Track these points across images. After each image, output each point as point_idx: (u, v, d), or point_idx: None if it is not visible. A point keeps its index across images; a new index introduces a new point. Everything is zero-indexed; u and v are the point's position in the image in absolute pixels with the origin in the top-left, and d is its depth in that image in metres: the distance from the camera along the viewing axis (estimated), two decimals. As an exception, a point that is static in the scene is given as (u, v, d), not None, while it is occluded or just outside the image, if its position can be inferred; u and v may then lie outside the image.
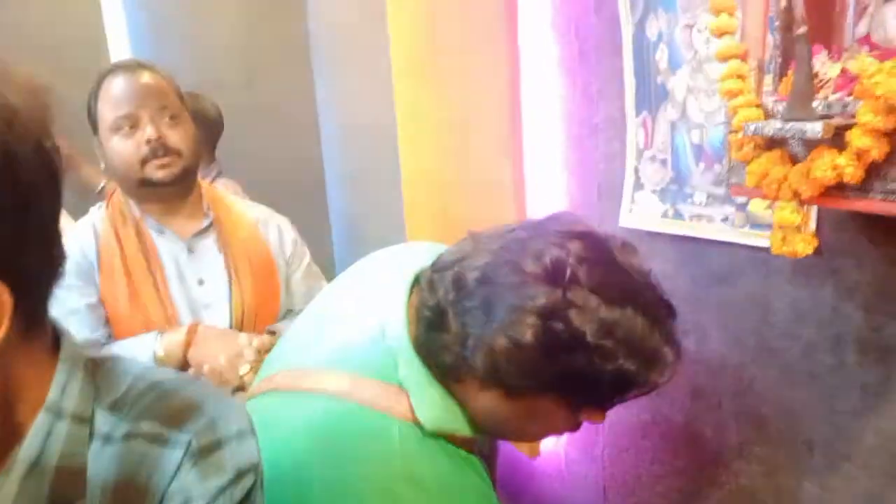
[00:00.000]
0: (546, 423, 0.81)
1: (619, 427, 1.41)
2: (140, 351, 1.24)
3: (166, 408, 0.56)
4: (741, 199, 1.03)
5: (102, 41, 2.74)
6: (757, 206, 1.01)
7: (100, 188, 1.93)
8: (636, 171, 1.24)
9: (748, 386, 1.09)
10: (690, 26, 1.06)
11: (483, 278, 0.72)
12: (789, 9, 0.82)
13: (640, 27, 1.16)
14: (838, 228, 0.90)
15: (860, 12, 0.81)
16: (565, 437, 1.58)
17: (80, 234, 1.32)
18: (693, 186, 1.13)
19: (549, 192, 1.48)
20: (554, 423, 0.82)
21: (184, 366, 1.24)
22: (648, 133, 1.19)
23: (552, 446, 1.63)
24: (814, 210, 0.90)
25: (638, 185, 1.25)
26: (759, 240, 1.01)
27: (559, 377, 0.71)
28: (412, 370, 0.76)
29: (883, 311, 0.87)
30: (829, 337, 0.95)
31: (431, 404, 0.76)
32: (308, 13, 2.72)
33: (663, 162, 1.18)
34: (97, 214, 1.36)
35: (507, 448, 1.69)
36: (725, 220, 1.07)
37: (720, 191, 1.07)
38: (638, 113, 1.21)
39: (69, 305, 1.24)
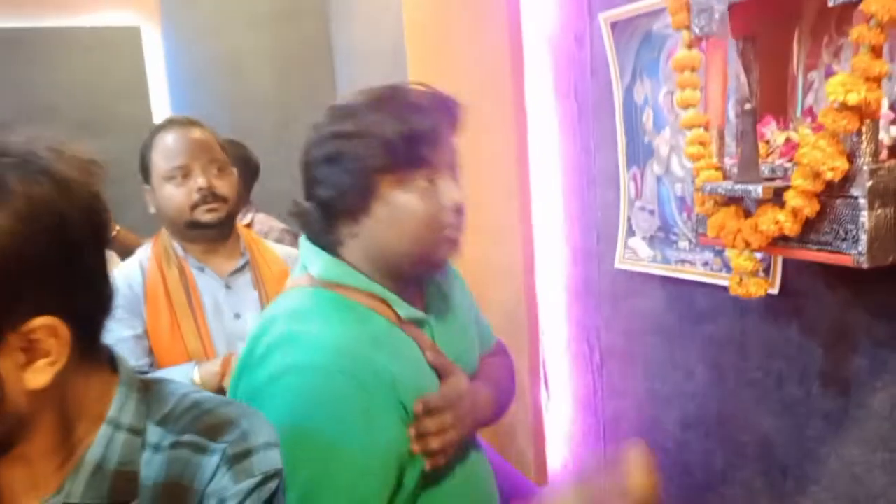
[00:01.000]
0: (402, 210, 0.90)
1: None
2: (179, 379, 1.37)
3: (206, 422, 0.68)
4: (719, 246, 1.15)
5: (145, 94, 2.95)
6: (733, 253, 1.13)
7: (113, 233, 2.09)
8: (628, 219, 1.37)
9: (730, 416, 1.20)
10: (672, 93, 1.19)
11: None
12: (747, 83, 0.95)
13: (629, 92, 1.30)
14: (800, 273, 1.02)
15: (808, 87, 0.94)
16: (573, 468, 1.68)
17: (128, 270, 1.46)
18: (677, 234, 1.25)
19: (553, 237, 1.60)
20: (410, 206, 0.90)
21: (219, 393, 1.37)
22: (638, 185, 1.32)
23: (560, 475, 1.72)
24: (780, 256, 1.02)
25: (630, 232, 1.38)
26: None
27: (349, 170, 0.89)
28: (309, 254, 0.96)
29: (840, 347, 0.98)
30: (797, 370, 1.05)
31: (320, 265, 0.93)
32: (336, 68, 2.92)
33: (651, 211, 1.31)
34: (144, 253, 1.51)
35: (516, 478, 1.79)
36: (706, 264, 1.19)
37: (700, 238, 1.19)
38: (629, 167, 1.34)
39: (116, 335, 1.37)
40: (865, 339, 0.94)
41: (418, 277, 0.99)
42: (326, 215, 0.93)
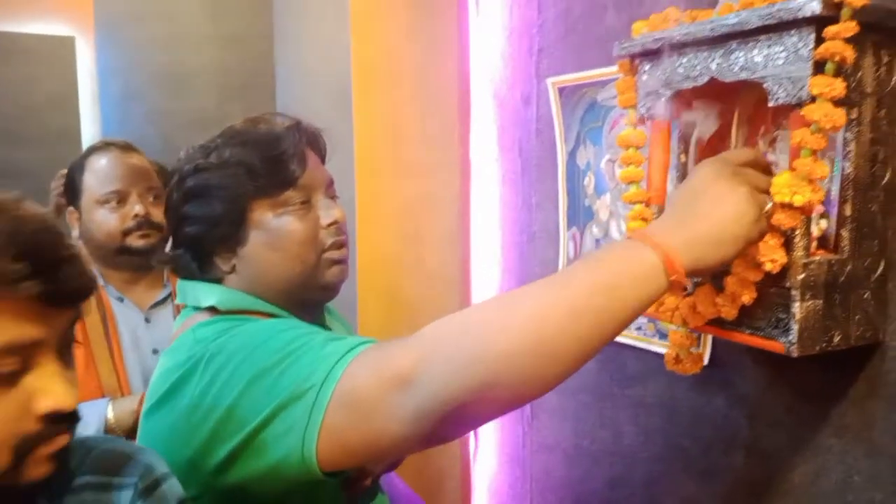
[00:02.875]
0: (279, 233, 0.90)
1: None
2: (91, 415, 1.29)
3: (100, 460, 0.68)
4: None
5: (75, 106, 2.84)
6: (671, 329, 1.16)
7: None
8: (567, 277, 1.39)
9: (657, 479, 1.22)
10: (613, 161, 1.23)
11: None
12: (686, 164, 0.99)
13: (572, 155, 1.33)
14: (729, 348, 1.05)
15: (744, 171, 0.98)
16: None
17: None
18: (614, 296, 1.28)
19: (490, 289, 1.61)
20: (286, 228, 0.90)
21: (133, 433, 1.31)
22: (577, 245, 1.35)
23: None
24: (710, 329, 1.05)
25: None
26: (666, 348, 1.16)
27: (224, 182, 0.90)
28: (198, 291, 0.93)
29: (763, 421, 1.01)
30: (722, 439, 1.08)
31: (218, 295, 0.90)
32: (278, 97, 2.88)
33: (590, 272, 1.33)
34: None
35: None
36: (639, 328, 1.22)
37: (636, 303, 1.22)
38: (569, 227, 1.37)
39: None
40: (788, 415, 0.98)
41: (310, 304, 0.97)
42: (200, 254, 0.93)
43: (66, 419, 0.60)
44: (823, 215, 0.84)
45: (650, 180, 0.96)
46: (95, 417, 1.29)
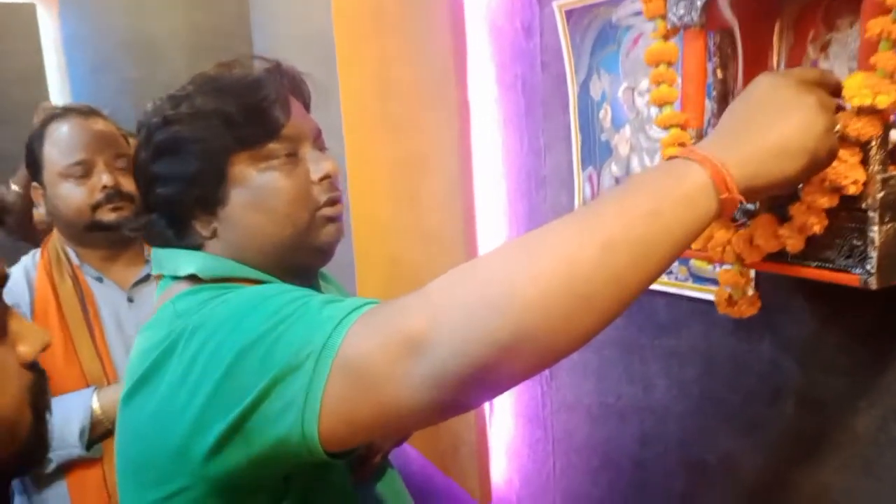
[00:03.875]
0: (264, 191, 0.80)
1: (570, 472, 1.42)
2: (77, 406, 1.19)
3: None
4: (698, 258, 1.07)
5: (42, 79, 2.68)
6: (699, 260, 1.05)
7: None
8: (583, 223, 1.28)
9: (693, 434, 1.12)
10: (632, 89, 1.10)
11: None
12: (724, 80, 0.87)
13: (584, 87, 1.20)
14: (776, 286, 0.94)
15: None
16: (518, 484, 1.59)
17: (11, 283, 1.27)
18: (638, 240, 1.17)
19: (498, 243, 1.50)
20: (272, 185, 0.80)
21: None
22: (594, 187, 1.23)
23: (504, 492, 1.63)
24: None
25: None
26: (702, 293, 1.05)
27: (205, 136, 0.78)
28: (176, 259, 0.81)
29: (817, 366, 0.91)
30: (768, 389, 0.98)
31: (199, 262, 0.80)
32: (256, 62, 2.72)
33: (609, 215, 1.22)
34: (30, 262, 1.31)
35: (460, 494, 1.69)
36: (669, 273, 1.11)
37: (664, 246, 1.11)
38: (584, 168, 1.25)
39: None
40: (846, 359, 0.87)
41: (302, 270, 0.86)
42: (176, 219, 0.81)
43: None
44: (892, 126, 0.72)
45: (686, 99, 0.83)
46: (80, 409, 1.19)
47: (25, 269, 1.29)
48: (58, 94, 2.66)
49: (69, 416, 1.17)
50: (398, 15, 1.65)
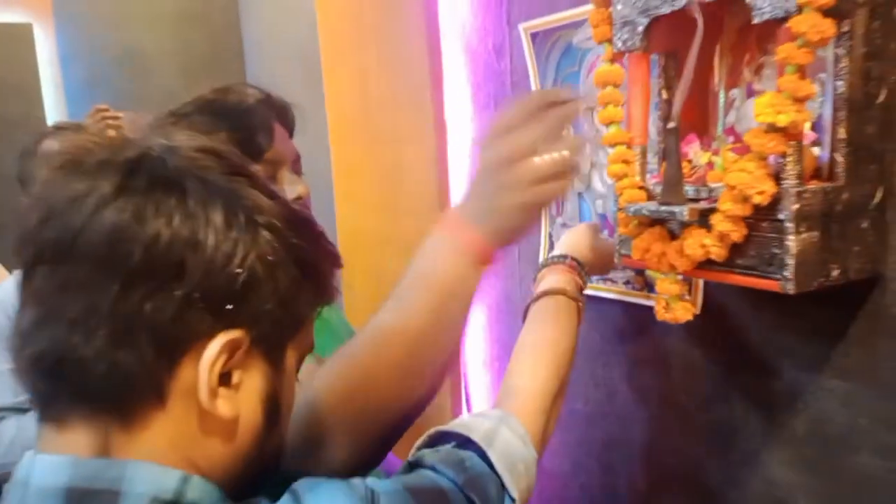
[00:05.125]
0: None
1: (542, 476, 1.46)
2: None
3: None
4: (642, 268, 1.12)
5: (37, 94, 2.74)
6: (658, 276, 1.11)
7: None
8: (549, 236, 1.33)
9: (654, 437, 1.17)
10: (592, 108, 1.16)
11: None
12: (668, 100, 0.92)
13: (550, 105, 1.26)
14: (723, 293, 1.00)
15: (729, 105, 0.92)
16: None
17: (3, 294, 1.32)
18: (600, 251, 1.22)
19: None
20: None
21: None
22: (559, 202, 1.29)
23: None
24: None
25: (552, 249, 1.34)
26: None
27: None
28: None
29: (763, 368, 0.96)
30: (719, 391, 1.04)
31: None
32: (247, 72, 2.79)
33: (574, 227, 1.27)
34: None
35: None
36: (627, 283, 1.17)
37: (623, 256, 1.17)
38: (551, 182, 1.30)
39: None
40: (789, 360, 0.93)
41: None
42: None
43: None
44: (816, 143, 0.78)
45: (631, 119, 0.89)
46: None
47: (18, 280, 1.34)
48: (53, 109, 2.72)
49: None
50: (379, 33, 1.71)
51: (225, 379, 0.49)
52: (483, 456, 0.62)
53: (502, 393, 0.78)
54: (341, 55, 1.88)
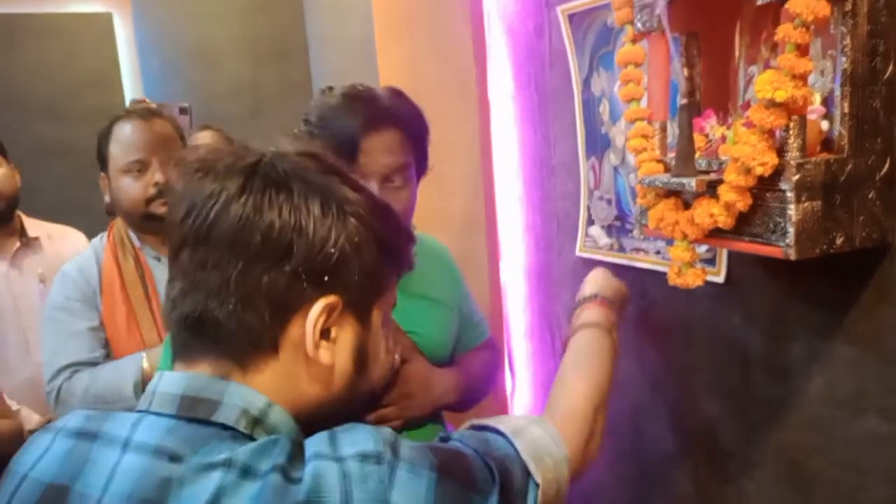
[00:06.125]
0: None
1: None
2: (131, 367, 1.35)
3: None
4: (661, 237, 1.17)
5: (118, 82, 2.93)
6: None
7: None
8: (588, 208, 1.39)
9: (678, 402, 1.23)
10: (624, 85, 1.21)
11: None
12: (691, 77, 0.97)
13: (586, 84, 1.32)
14: (743, 263, 1.04)
15: (748, 82, 0.96)
16: None
17: (83, 262, 1.45)
18: (632, 223, 1.27)
19: (515, 226, 1.62)
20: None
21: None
22: (597, 175, 1.34)
23: None
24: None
25: (590, 221, 1.40)
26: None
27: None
28: None
29: (779, 335, 1.00)
30: (739, 358, 1.08)
31: None
32: (311, 62, 2.90)
33: (609, 201, 1.33)
34: (98, 244, 1.50)
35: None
36: (658, 252, 1.22)
37: (652, 228, 1.22)
38: (588, 157, 1.36)
39: (72, 328, 1.37)
40: (802, 327, 0.97)
41: None
42: None
43: None
44: (826, 116, 0.82)
45: (651, 96, 0.94)
46: (133, 368, 1.35)
47: (95, 250, 1.48)
48: (131, 96, 2.90)
49: (126, 374, 1.34)
50: (428, 22, 1.79)
51: (325, 335, 0.61)
52: (510, 444, 0.69)
53: (545, 411, 0.85)
54: (394, 43, 1.96)
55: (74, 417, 0.63)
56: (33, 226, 1.90)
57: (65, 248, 1.89)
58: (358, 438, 0.58)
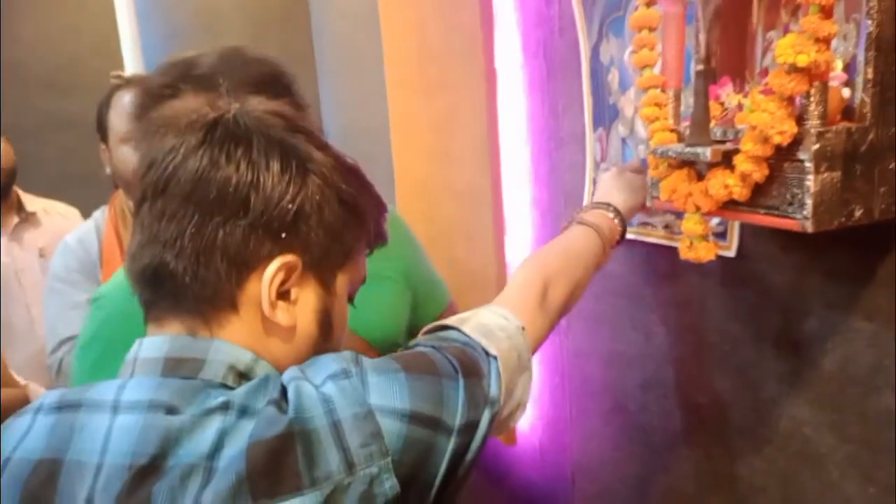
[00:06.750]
0: None
1: (585, 417, 1.52)
2: None
3: None
4: (672, 210, 1.14)
5: (117, 52, 2.88)
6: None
7: None
8: (594, 181, 1.36)
9: (688, 378, 1.21)
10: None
11: None
12: (708, 43, 0.93)
13: (595, 52, 1.28)
14: (757, 236, 1.01)
15: (766, 47, 0.92)
16: (540, 429, 1.70)
17: (83, 234, 1.44)
18: (642, 196, 1.24)
19: (520, 199, 1.59)
20: None
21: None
22: (604, 147, 1.31)
23: (528, 436, 1.74)
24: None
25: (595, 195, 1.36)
26: None
27: None
28: None
29: (793, 310, 0.98)
30: (751, 333, 1.06)
31: None
32: (313, 28, 2.85)
33: (618, 173, 1.30)
34: (100, 216, 1.49)
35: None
36: (667, 227, 1.19)
37: (663, 201, 1.18)
38: (595, 128, 1.33)
39: (72, 299, 1.36)
40: (818, 301, 0.94)
41: None
42: None
43: None
44: (847, 83, 0.78)
45: (665, 63, 0.91)
46: None
47: (95, 222, 1.46)
48: (131, 63, 2.86)
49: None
50: (433, -15, 1.74)
51: (285, 296, 0.61)
52: (460, 332, 0.72)
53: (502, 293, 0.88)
54: (397, 8, 1.92)
55: (50, 395, 0.63)
56: (30, 201, 1.88)
57: (62, 223, 1.87)
58: (323, 365, 0.60)
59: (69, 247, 1.40)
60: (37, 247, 1.82)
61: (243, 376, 0.59)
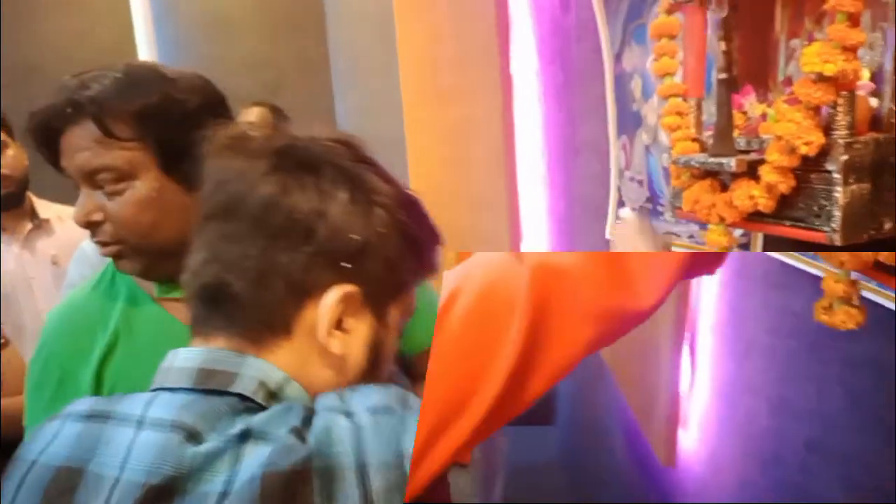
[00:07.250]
0: None
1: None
2: None
3: None
4: (696, 220, 1.13)
5: (133, 55, 2.90)
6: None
7: None
8: (619, 189, 1.35)
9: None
10: (655, 61, 1.16)
11: None
12: (728, 52, 0.92)
13: (618, 59, 1.27)
14: (779, 248, 0.99)
15: (790, 56, 0.91)
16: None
17: (89, 249, 1.42)
18: (664, 205, 1.23)
19: (536, 208, 1.58)
20: None
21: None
22: (628, 155, 1.30)
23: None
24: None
25: (620, 203, 1.35)
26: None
27: None
28: None
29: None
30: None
31: None
32: (329, 36, 2.86)
33: (640, 182, 1.28)
34: None
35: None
36: (691, 237, 1.17)
37: (683, 210, 1.17)
38: (619, 136, 1.31)
39: None
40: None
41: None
42: None
43: None
44: (875, 93, 0.77)
45: (686, 71, 0.90)
46: None
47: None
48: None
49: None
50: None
51: (340, 325, 0.61)
52: None
53: None
54: (413, 15, 1.91)
55: (83, 402, 0.63)
56: (43, 207, 1.88)
57: (76, 230, 1.87)
58: (367, 395, 0.58)
59: (86, 254, 1.39)
60: (49, 254, 1.82)
61: (273, 395, 0.59)
